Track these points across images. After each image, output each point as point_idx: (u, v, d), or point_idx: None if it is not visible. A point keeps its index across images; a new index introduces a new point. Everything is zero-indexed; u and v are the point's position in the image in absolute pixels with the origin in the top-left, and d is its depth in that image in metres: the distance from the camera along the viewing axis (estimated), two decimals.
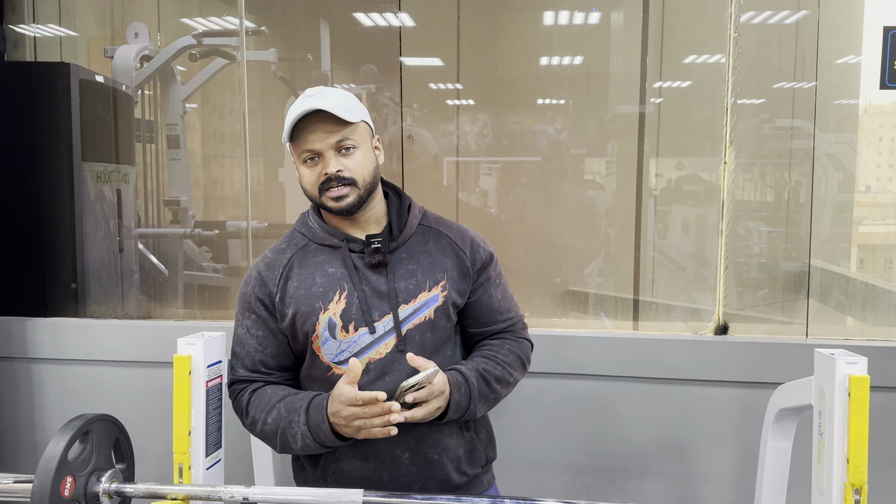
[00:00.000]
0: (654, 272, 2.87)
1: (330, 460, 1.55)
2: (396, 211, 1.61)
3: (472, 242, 1.63)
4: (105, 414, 1.57)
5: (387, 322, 1.51)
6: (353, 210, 1.51)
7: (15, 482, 1.51)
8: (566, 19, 2.87)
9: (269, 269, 1.58)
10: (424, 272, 1.55)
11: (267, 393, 1.56)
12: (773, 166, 2.72)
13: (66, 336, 2.54)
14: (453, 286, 1.57)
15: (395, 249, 1.56)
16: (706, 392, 2.26)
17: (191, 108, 3.96)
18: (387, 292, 1.52)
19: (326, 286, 1.52)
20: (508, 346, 1.63)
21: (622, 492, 2.33)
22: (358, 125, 1.51)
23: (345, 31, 3.25)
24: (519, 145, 3.03)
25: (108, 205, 2.92)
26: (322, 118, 1.46)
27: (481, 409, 1.56)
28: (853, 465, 1.37)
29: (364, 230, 1.58)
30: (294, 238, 1.62)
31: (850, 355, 1.41)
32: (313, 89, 1.50)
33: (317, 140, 1.47)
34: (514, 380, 1.63)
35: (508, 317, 1.66)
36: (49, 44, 3.10)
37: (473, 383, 1.52)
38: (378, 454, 1.53)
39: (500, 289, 1.66)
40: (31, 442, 2.59)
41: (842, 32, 2.61)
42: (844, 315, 2.70)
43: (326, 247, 1.57)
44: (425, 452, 1.54)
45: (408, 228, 1.59)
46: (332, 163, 1.48)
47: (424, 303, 1.53)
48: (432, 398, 1.43)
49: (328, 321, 1.51)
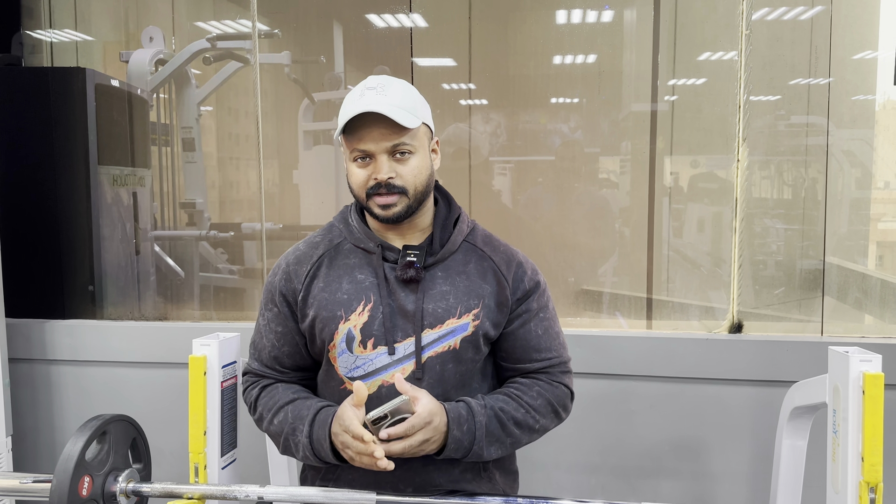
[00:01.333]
0: (669, 271, 2.85)
1: (330, 478, 1.49)
2: (442, 222, 1.48)
3: (518, 269, 1.48)
4: (122, 414, 1.59)
5: (408, 345, 1.40)
6: (400, 220, 1.40)
7: (34, 482, 1.53)
8: (578, 18, 2.86)
9: (298, 264, 1.48)
10: (458, 296, 1.42)
11: (278, 392, 1.48)
12: (789, 163, 2.70)
13: (83, 338, 2.56)
14: (487, 315, 1.43)
15: (432, 266, 1.44)
16: (721, 391, 2.25)
17: (206, 111, 3.99)
18: (413, 312, 1.40)
19: (352, 294, 1.42)
20: (539, 389, 1.46)
21: (637, 491, 2.33)
22: (418, 129, 1.38)
23: (357, 33, 3.26)
24: (532, 145, 3.02)
25: (125, 208, 2.94)
26: (380, 118, 1.33)
27: (492, 452, 1.40)
28: (868, 464, 1.36)
29: (404, 238, 1.46)
30: (331, 232, 1.52)
31: (864, 353, 1.41)
32: (375, 79, 1.38)
33: (371, 141, 1.35)
34: (541, 427, 1.46)
35: (547, 357, 1.48)
36: (65, 49, 3.13)
37: (481, 421, 1.37)
38: (380, 484, 1.42)
39: (544, 324, 1.49)
40: (51, 442, 2.63)
41: (856, 28, 2.59)
42: (862, 313, 2.68)
43: (360, 249, 1.46)
44: (431, 492, 1.43)
45: (450, 244, 1.46)
46: (385, 168, 1.35)
47: (451, 330, 1.41)
48: (413, 432, 1.28)
49: (347, 332, 1.41)
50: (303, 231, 3.48)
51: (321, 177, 3.56)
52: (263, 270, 2.99)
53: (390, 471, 1.33)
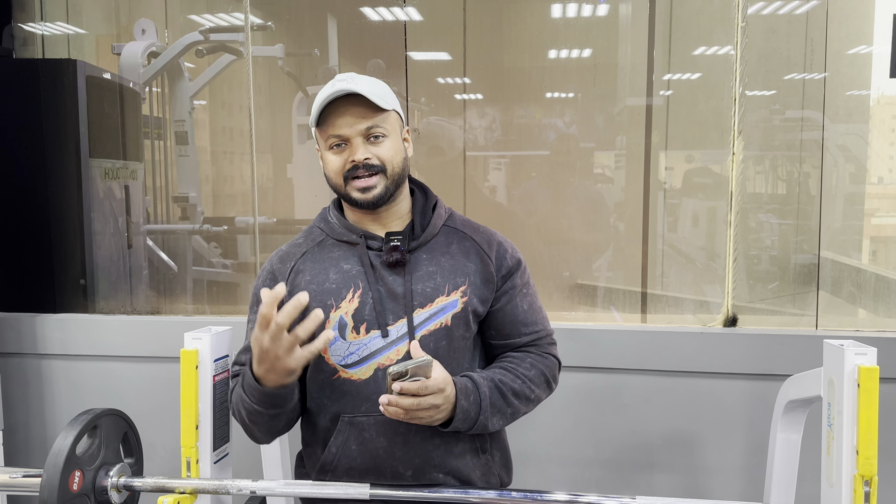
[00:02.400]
0: (664, 265, 2.85)
1: (328, 466, 1.47)
2: (421, 209, 1.52)
3: (499, 247, 1.53)
4: (113, 409, 1.58)
5: (400, 326, 1.42)
6: (379, 203, 1.43)
7: (24, 476, 1.53)
8: (573, 11, 2.85)
9: (282, 263, 1.51)
10: (444, 275, 1.45)
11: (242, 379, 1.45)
12: (784, 158, 2.70)
13: (75, 332, 2.55)
14: (475, 292, 1.47)
15: (416, 249, 1.47)
16: (715, 384, 2.25)
17: (199, 104, 3.97)
18: (402, 294, 1.43)
19: (340, 283, 1.44)
20: (531, 360, 1.51)
21: (631, 484, 2.33)
22: (389, 114, 1.43)
23: (351, 26, 3.24)
24: (527, 139, 3.01)
25: (117, 201, 2.93)
26: (352, 103, 1.38)
27: (495, 423, 1.43)
28: (863, 457, 1.36)
29: (385, 227, 1.50)
30: (312, 233, 1.56)
31: (859, 346, 1.40)
32: (344, 74, 1.43)
33: (345, 125, 1.40)
34: (536, 397, 1.50)
35: (535, 330, 1.53)
36: (57, 41, 3.11)
37: (485, 392, 1.40)
38: (378, 470, 1.44)
39: (528, 299, 1.54)
40: (41, 437, 2.61)
41: (851, 21, 2.59)
42: (856, 307, 2.68)
43: (344, 243, 1.49)
44: (431, 473, 1.44)
45: (431, 228, 1.50)
46: (361, 150, 1.40)
47: (441, 308, 1.44)
48: (425, 393, 1.29)
49: (339, 320, 1.42)
50: (297, 225, 3.47)
51: (315, 171, 3.53)
52: (257, 264, 2.98)
53: (391, 452, 1.40)
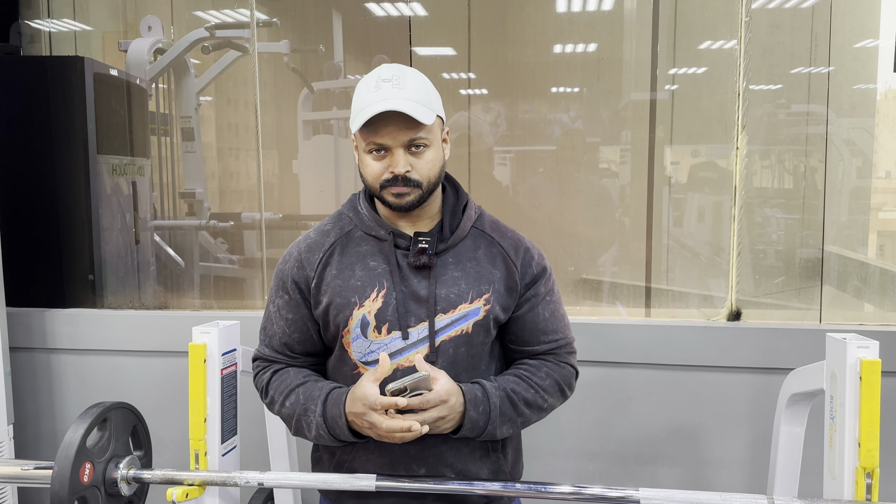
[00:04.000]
0: (669, 260, 2.86)
1: (345, 458, 1.50)
2: (451, 209, 1.50)
3: (526, 254, 1.51)
4: (122, 402, 1.59)
5: (422, 329, 1.42)
6: (412, 209, 1.42)
7: (36, 468, 1.55)
8: (578, 6, 2.85)
9: (310, 252, 1.49)
10: (469, 282, 1.45)
11: (289, 375, 1.49)
12: (789, 153, 2.69)
13: (83, 326, 2.57)
14: (498, 300, 1.46)
15: (443, 252, 1.46)
16: (719, 378, 2.26)
17: (205, 100, 3.98)
18: (426, 298, 1.43)
19: (365, 281, 1.44)
20: (547, 370, 1.50)
21: (635, 477, 2.34)
22: (434, 123, 1.40)
23: (356, 22, 3.25)
24: (532, 134, 3.02)
25: (124, 197, 2.95)
26: (398, 111, 1.34)
27: (504, 431, 1.44)
28: (865, 449, 1.37)
29: (414, 225, 1.48)
30: (341, 220, 1.53)
31: (861, 339, 1.41)
32: (389, 69, 1.39)
33: (388, 136, 1.36)
34: (549, 406, 1.50)
35: (554, 338, 1.52)
36: (64, 38, 3.13)
37: (495, 402, 1.41)
38: (393, 464, 1.46)
39: (550, 307, 1.53)
40: (51, 431, 2.64)
41: (856, 15, 2.58)
42: (862, 301, 2.68)
43: (372, 237, 1.48)
44: (443, 472, 1.46)
45: (459, 231, 1.48)
46: (402, 162, 1.37)
47: (464, 315, 1.44)
48: (428, 406, 1.32)
49: (362, 318, 1.43)
50: (302, 221, 3.48)
51: (321, 166, 3.56)
52: (263, 260, 3.00)
53: (406, 450, 1.42)
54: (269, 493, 2.18)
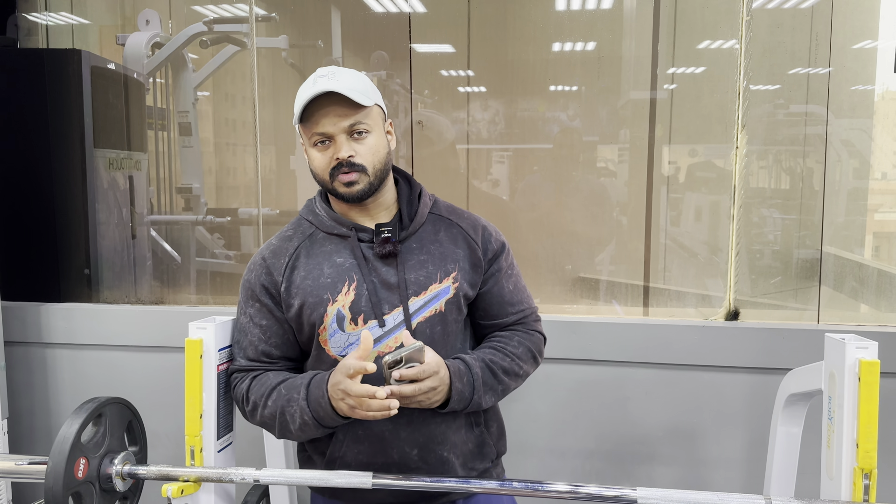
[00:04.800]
0: (667, 259, 2.85)
1: (337, 454, 1.52)
2: (407, 199, 1.55)
3: (484, 231, 1.58)
4: (118, 397, 1.58)
5: (397, 315, 1.46)
6: (363, 197, 1.46)
7: (30, 463, 1.54)
8: (578, 4, 2.85)
9: (275, 257, 1.53)
10: (435, 263, 1.50)
11: (268, 377, 1.51)
12: (787, 153, 2.69)
13: (79, 321, 2.56)
14: (465, 277, 1.52)
15: (406, 239, 1.51)
16: (716, 378, 2.26)
17: (203, 95, 3.97)
18: (396, 284, 1.47)
19: (335, 277, 1.47)
20: (518, 338, 1.57)
21: (631, 477, 2.34)
22: (371, 109, 1.46)
23: (355, 18, 3.24)
24: (531, 132, 3.01)
25: (121, 192, 2.93)
26: (335, 100, 1.41)
27: (487, 400, 1.50)
28: (863, 450, 1.37)
29: (373, 218, 1.53)
30: (301, 225, 1.57)
31: (860, 340, 1.41)
32: (325, 69, 1.45)
33: (329, 123, 1.42)
34: (524, 372, 1.57)
35: (520, 309, 1.60)
36: (61, 32, 3.11)
37: (477, 373, 1.47)
38: (386, 450, 1.49)
39: (513, 280, 1.60)
40: (46, 425, 2.63)
41: (857, 16, 2.58)
42: (858, 302, 2.68)
43: (334, 236, 1.52)
44: (435, 449, 1.50)
45: (418, 217, 1.53)
46: (344, 147, 1.42)
47: (435, 295, 1.49)
48: (423, 377, 1.36)
49: (336, 313, 1.46)
50: None
51: None
52: None
53: (396, 434, 1.46)
54: (264, 490, 2.17)
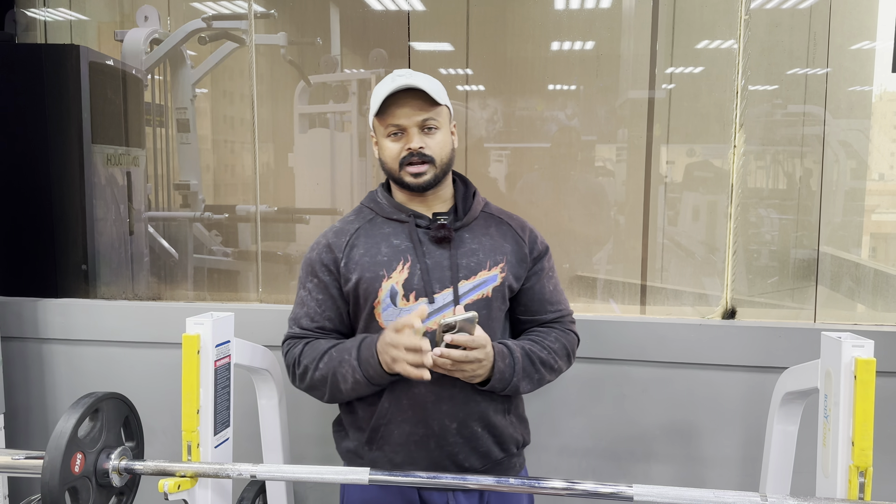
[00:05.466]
0: (664, 258, 2.86)
1: (381, 422, 1.61)
2: (462, 195, 1.70)
3: (531, 233, 1.74)
4: (115, 392, 1.59)
5: (446, 295, 1.58)
6: (428, 187, 1.60)
7: (27, 458, 1.54)
8: (577, 3, 2.85)
9: (337, 237, 1.66)
10: (486, 252, 1.63)
11: (320, 343, 1.62)
12: (785, 153, 2.70)
13: (76, 317, 2.56)
14: (511, 270, 1.65)
15: (459, 229, 1.64)
16: (713, 376, 2.26)
17: (201, 92, 3.97)
18: (448, 266, 1.60)
19: (391, 256, 1.59)
20: (556, 335, 1.70)
21: (628, 474, 2.34)
22: (442, 108, 1.60)
23: (354, 15, 3.24)
24: (529, 131, 3.01)
25: (119, 187, 2.93)
26: (411, 97, 1.55)
27: (525, 387, 1.61)
28: (858, 448, 1.37)
29: (430, 209, 1.66)
30: (362, 212, 1.70)
31: (856, 338, 1.41)
32: (403, 70, 1.60)
33: (404, 116, 1.56)
34: (559, 367, 1.69)
35: (558, 308, 1.74)
36: (59, 27, 3.10)
37: (518, 357, 1.58)
38: (427, 421, 1.59)
39: (553, 281, 1.74)
40: (43, 421, 2.62)
41: (855, 16, 2.58)
42: (855, 302, 2.68)
43: (393, 220, 1.65)
44: (472, 425, 1.61)
45: (472, 212, 1.67)
46: (416, 139, 1.57)
47: (483, 281, 1.61)
48: (473, 345, 1.47)
49: (390, 289, 1.58)
50: (297, 214, 3.47)
51: (316, 160, 3.55)
52: (258, 253, 2.99)
53: (438, 407, 1.57)
54: (260, 486, 2.18)
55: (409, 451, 1.60)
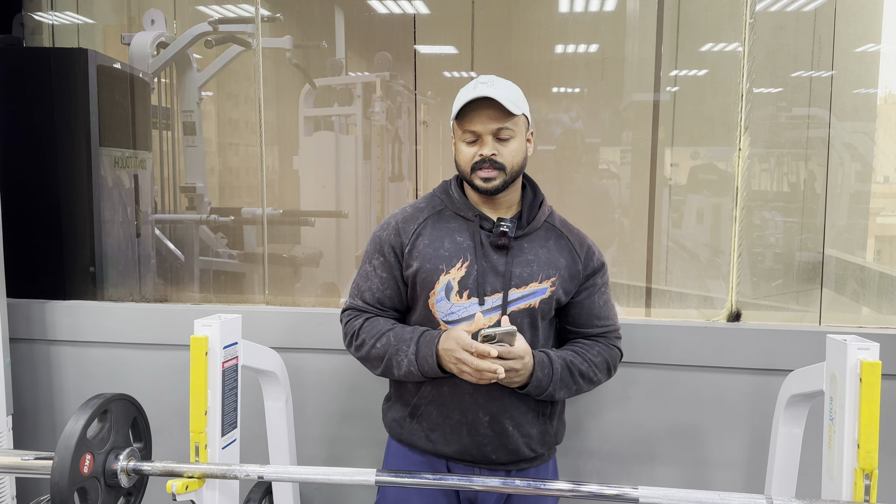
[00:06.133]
0: (669, 261, 2.86)
1: (421, 403, 1.71)
2: (529, 203, 1.75)
3: (589, 250, 1.78)
4: (123, 394, 1.60)
5: (496, 299, 1.65)
6: (497, 192, 1.65)
7: (36, 459, 1.55)
8: (581, 6, 2.86)
9: (406, 223, 1.73)
10: (540, 265, 1.69)
11: (379, 322, 1.71)
12: (789, 156, 2.70)
13: (84, 318, 2.57)
14: (562, 284, 1.71)
15: (520, 237, 1.70)
16: (718, 378, 2.26)
17: (206, 95, 3.98)
18: (503, 272, 1.65)
19: (452, 251, 1.67)
20: (599, 349, 1.76)
21: (632, 477, 2.34)
22: (519, 118, 1.64)
23: (359, 18, 3.25)
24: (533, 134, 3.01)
25: (126, 190, 2.94)
26: (489, 105, 1.60)
27: (561, 395, 1.68)
28: (864, 451, 1.38)
29: (497, 212, 1.72)
30: (433, 200, 1.77)
31: (862, 341, 1.42)
32: (486, 77, 1.65)
33: (480, 124, 1.61)
34: (598, 380, 1.75)
35: (606, 324, 1.79)
36: (66, 31, 3.12)
37: (557, 368, 1.64)
38: (463, 410, 1.67)
39: (604, 297, 1.79)
40: (51, 422, 2.64)
41: (860, 19, 2.58)
42: (860, 305, 2.68)
43: (460, 217, 1.71)
44: (503, 422, 1.68)
45: (535, 222, 1.72)
46: (489, 146, 1.62)
47: (533, 292, 1.67)
48: (511, 357, 1.54)
49: (447, 283, 1.65)
50: (303, 216, 3.48)
51: (321, 162, 3.56)
52: (265, 255, 3.00)
53: (475, 399, 1.65)
54: (267, 487, 2.18)
55: (444, 431, 1.69)
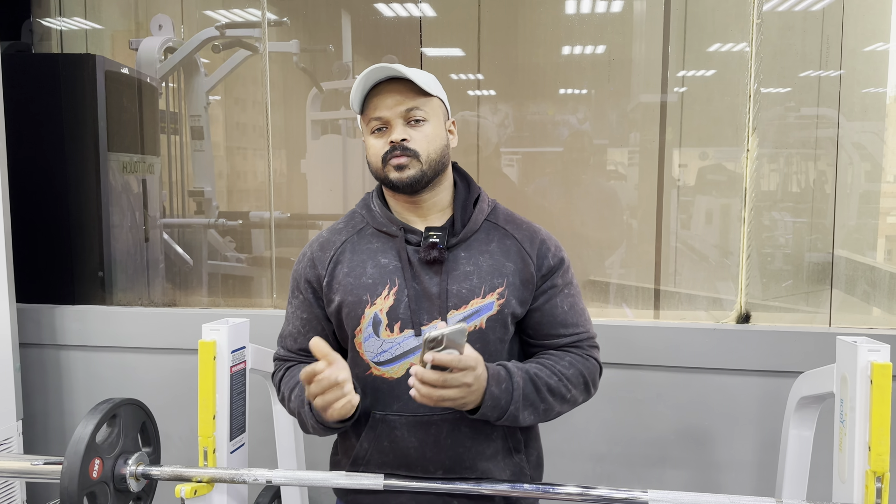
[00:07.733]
0: (677, 262, 2.85)
1: (361, 462, 1.44)
2: (462, 203, 1.46)
3: (542, 246, 1.47)
4: (132, 398, 1.60)
5: (434, 327, 1.33)
6: (415, 185, 1.39)
7: (45, 464, 1.55)
8: (588, 7, 2.85)
9: (322, 251, 1.47)
10: (481, 276, 1.40)
11: (295, 372, 1.46)
12: (798, 156, 2.68)
13: (93, 323, 2.58)
14: (513, 293, 1.41)
15: (455, 247, 1.42)
16: (727, 381, 2.25)
17: (214, 100, 4.00)
18: (438, 294, 1.38)
19: (377, 278, 1.40)
20: (570, 359, 1.44)
21: (642, 479, 2.33)
22: (432, 99, 1.41)
23: (366, 22, 3.26)
24: (540, 136, 3.01)
25: (134, 195, 2.96)
26: (394, 87, 1.37)
27: (526, 417, 1.36)
28: (875, 453, 1.36)
29: (425, 220, 1.46)
30: (353, 218, 1.51)
31: (872, 343, 1.41)
32: (385, 59, 1.45)
33: (385, 108, 1.38)
34: (572, 397, 1.42)
35: (575, 331, 1.46)
36: (75, 37, 3.14)
37: (518, 382, 1.34)
38: (410, 467, 1.41)
39: (569, 300, 1.47)
40: (60, 427, 2.65)
41: (868, 18, 2.57)
42: (870, 305, 2.67)
43: (383, 233, 1.45)
44: (462, 474, 1.41)
45: (471, 224, 1.44)
46: (398, 130, 1.37)
47: (476, 310, 1.39)
48: (460, 366, 1.21)
49: (374, 317, 1.39)
50: (310, 220, 3.49)
51: (329, 166, 3.57)
52: (272, 259, 3.01)
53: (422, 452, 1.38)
54: (276, 491, 2.19)
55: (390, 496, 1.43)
